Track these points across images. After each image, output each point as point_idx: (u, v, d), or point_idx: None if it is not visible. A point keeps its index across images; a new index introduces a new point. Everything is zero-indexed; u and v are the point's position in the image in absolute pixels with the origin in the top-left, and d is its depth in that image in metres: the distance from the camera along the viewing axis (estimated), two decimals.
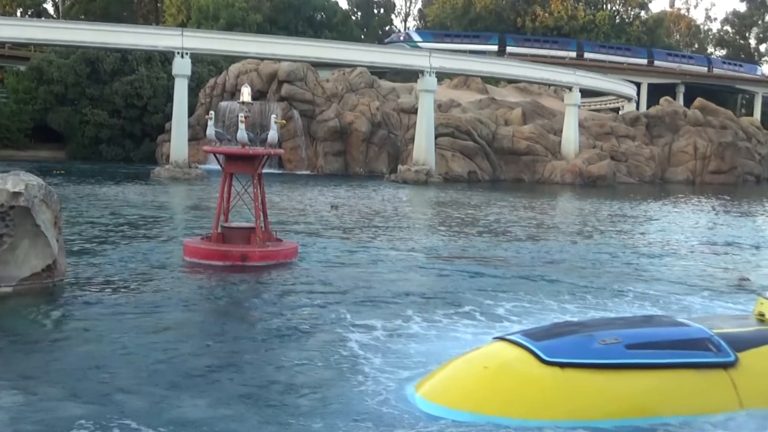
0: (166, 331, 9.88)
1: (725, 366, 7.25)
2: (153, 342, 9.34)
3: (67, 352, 8.93)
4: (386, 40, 79.53)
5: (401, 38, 79.85)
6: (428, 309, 11.45)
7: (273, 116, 16.56)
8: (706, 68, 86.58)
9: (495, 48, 78.75)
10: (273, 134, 15.53)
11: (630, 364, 7.08)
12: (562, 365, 7.01)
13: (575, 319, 10.32)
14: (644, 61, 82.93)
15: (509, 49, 78.67)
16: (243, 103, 15.68)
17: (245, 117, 15.16)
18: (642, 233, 23.68)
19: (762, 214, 32.25)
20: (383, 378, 8.11)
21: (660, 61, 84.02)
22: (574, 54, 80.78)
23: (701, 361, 7.22)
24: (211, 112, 16.35)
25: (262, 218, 15.25)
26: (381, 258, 16.45)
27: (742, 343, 7.50)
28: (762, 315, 8.22)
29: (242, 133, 14.99)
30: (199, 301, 11.99)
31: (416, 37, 78.22)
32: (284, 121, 18.72)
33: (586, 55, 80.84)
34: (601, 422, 6.78)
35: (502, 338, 7.74)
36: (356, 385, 7.92)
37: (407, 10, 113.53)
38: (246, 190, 15.48)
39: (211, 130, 15.60)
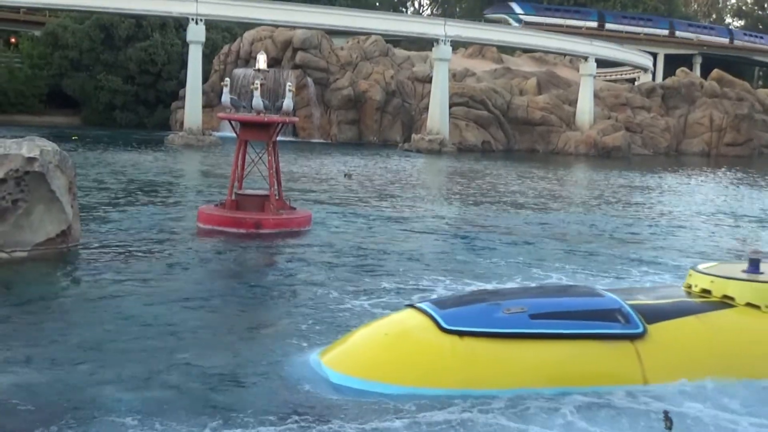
0: (165, 298, 9.85)
1: (632, 338, 7.11)
2: (147, 309, 9.31)
3: (66, 317, 8.95)
4: (486, 12, 78.22)
5: (502, 9, 77.98)
6: (422, 277, 11.53)
7: (288, 84, 16.52)
8: None
9: (594, 24, 76.90)
10: (288, 102, 15.52)
11: (531, 334, 6.96)
12: (461, 333, 6.92)
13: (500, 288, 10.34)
14: (725, 41, 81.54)
15: (608, 25, 77.44)
16: (258, 70, 15.66)
17: (260, 84, 15.13)
18: (654, 204, 23.60)
19: None
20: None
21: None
22: (666, 32, 79.64)
23: (606, 332, 7.06)
24: (227, 79, 16.29)
25: (276, 186, 15.26)
26: (392, 227, 16.48)
27: (655, 315, 7.36)
28: (690, 287, 8.09)
29: (257, 101, 14.97)
30: (207, 268, 12.01)
31: (518, 9, 76.61)
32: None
33: (678, 33, 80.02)
34: (498, 391, 6.69)
35: (412, 305, 7.65)
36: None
37: None
38: (260, 157, 15.48)
39: (226, 97, 15.58)
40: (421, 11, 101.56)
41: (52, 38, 56.11)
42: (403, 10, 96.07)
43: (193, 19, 43.61)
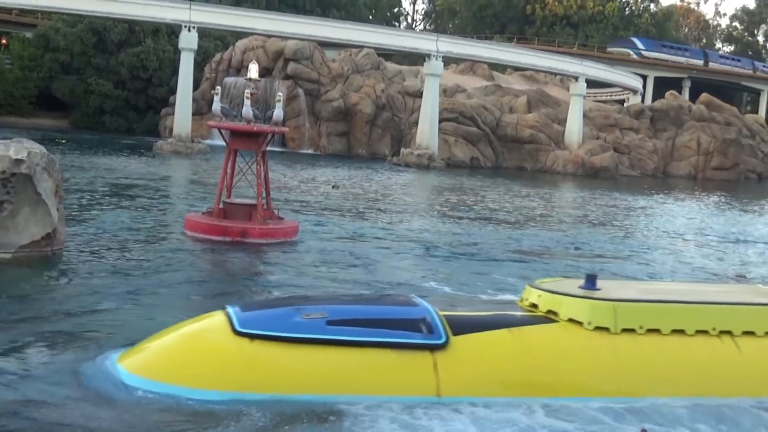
0: (141, 307, 9.80)
1: (432, 348, 6.95)
2: (123, 318, 9.24)
3: (41, 321, 8.87)
4: (609, 46, 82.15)
5: (626, 44, 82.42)
6: (394, 289, 11.53)
7: (279, 94, 16.56)
8: None
9: (700, 62, 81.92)
10: (278, 112, 15.54)
11: (325, 340, 6.87)
12: (251, 336, 6.84)
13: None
14: None
15: (710, 64, 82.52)
16: (250, 79, 15.68)
17: (251, 94, 15.15)
18: (638, 225, 23.74)
19: (761, 212, 32.23)
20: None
21: None
22: (750, 71, 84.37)
23: (404, 341, 6.93)
24: (218, 88, 16.33)
25: (264, 195, 15.27)
26: (376, 240, 16.53)
27: (466, 327, 7.19)
28: (522, 300, 7.95)
29: (247, 110, 14.99)
30: (183, 275, 11.93)
31: (640, 45, 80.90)
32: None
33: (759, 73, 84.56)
34: (287, 396, 6.62)
35: (224, 307, 7.54)
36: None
37: None
38: (250, 166, 15.49)
39: (216, 106, 15.59)
40: (413, 26, 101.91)
41: (44, 40, 55.91)
42: (396, 24, 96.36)
43: (185, 26, 43.60)
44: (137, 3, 44.37)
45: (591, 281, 7.75)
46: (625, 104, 63.89)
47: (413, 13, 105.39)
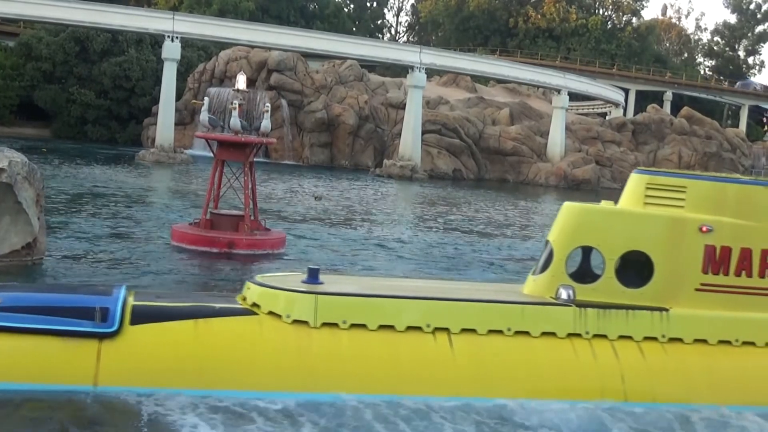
0: None
1: (100, 337, 6.78)
2: None
3: None
4: (738, 84, 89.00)
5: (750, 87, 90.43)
6: None
7: (267, 105, 16.49)
8: None
9: None
10: (266, 123, 15.49)
11: None
12: None
13: None
14: None
15: None
16: (238, 90, 15.59)
17: (239, 105, 15.06)
18: None
19: None
20: None
21: None
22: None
23: (69, 329, 6.75)
24: (206, 98, 16.26)
25: (251, 206, 15.17)
26: (361, 251, 16.53)
27: (148, 317, 7.00)
28: (241, 294, 7.68)
29: (235, 120, 14.91)
30: (173, 287, 11.80)
31: (757, 86, 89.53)
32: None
33: None
34: None
35: None
36: None
37: (400, 4, 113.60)
38: (237, 177, 15.38)
39: (204, 116, 15.51)
40: (397, 38, 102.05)
41: (26, 49, 55.60)
42: (380, 36, 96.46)
43: (169, 37, 43.46)
44: (121, 13, 44.31)
45: (313, 275, 7.52)
46: (607, 117, 64.22)
47: (397, 25, 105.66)
